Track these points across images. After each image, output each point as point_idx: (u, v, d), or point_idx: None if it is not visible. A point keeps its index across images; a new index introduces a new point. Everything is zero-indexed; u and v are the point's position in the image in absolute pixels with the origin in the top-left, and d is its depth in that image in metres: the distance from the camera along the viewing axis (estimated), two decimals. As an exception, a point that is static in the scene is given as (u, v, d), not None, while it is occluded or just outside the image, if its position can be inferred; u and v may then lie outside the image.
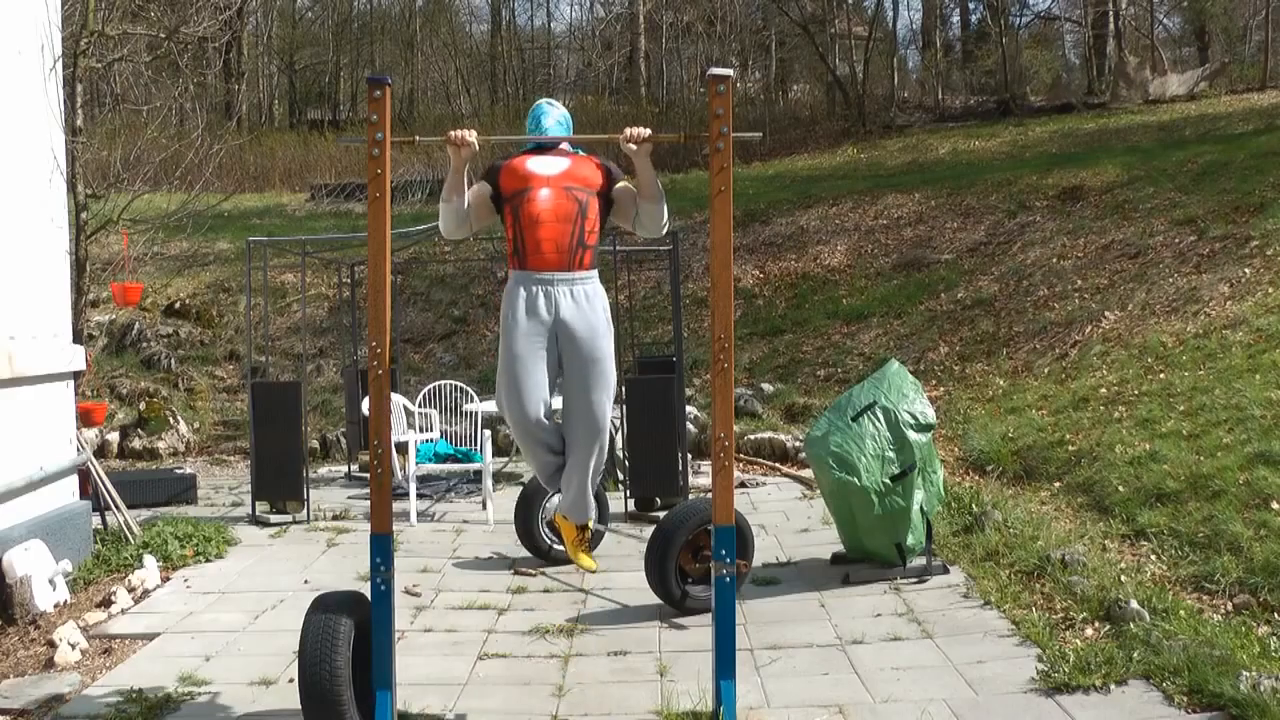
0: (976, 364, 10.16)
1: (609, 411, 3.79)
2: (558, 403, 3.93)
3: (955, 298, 11.80)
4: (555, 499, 4.00)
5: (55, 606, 5.34)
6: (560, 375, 3.78)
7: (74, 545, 5.93)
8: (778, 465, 8.98)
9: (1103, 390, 7.96)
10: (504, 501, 7.40)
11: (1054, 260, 11.69)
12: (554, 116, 3.96)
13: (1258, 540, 4.95)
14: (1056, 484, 6.81)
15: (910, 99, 25.09)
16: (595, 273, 3.79)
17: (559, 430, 3.85)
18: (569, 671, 4.41)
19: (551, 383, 3.76)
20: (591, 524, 4.12)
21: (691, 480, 7.98)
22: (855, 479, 5.38)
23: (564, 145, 3.97)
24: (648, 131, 3.77)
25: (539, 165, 3.81)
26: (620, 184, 3.93)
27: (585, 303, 3.71)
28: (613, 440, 8.32)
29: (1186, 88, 21.26)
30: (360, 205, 17.41)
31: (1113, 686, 3.92)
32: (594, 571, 4.01)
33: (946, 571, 5.51)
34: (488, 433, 7.68)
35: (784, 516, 7.22)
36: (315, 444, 10.31)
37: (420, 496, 7.89)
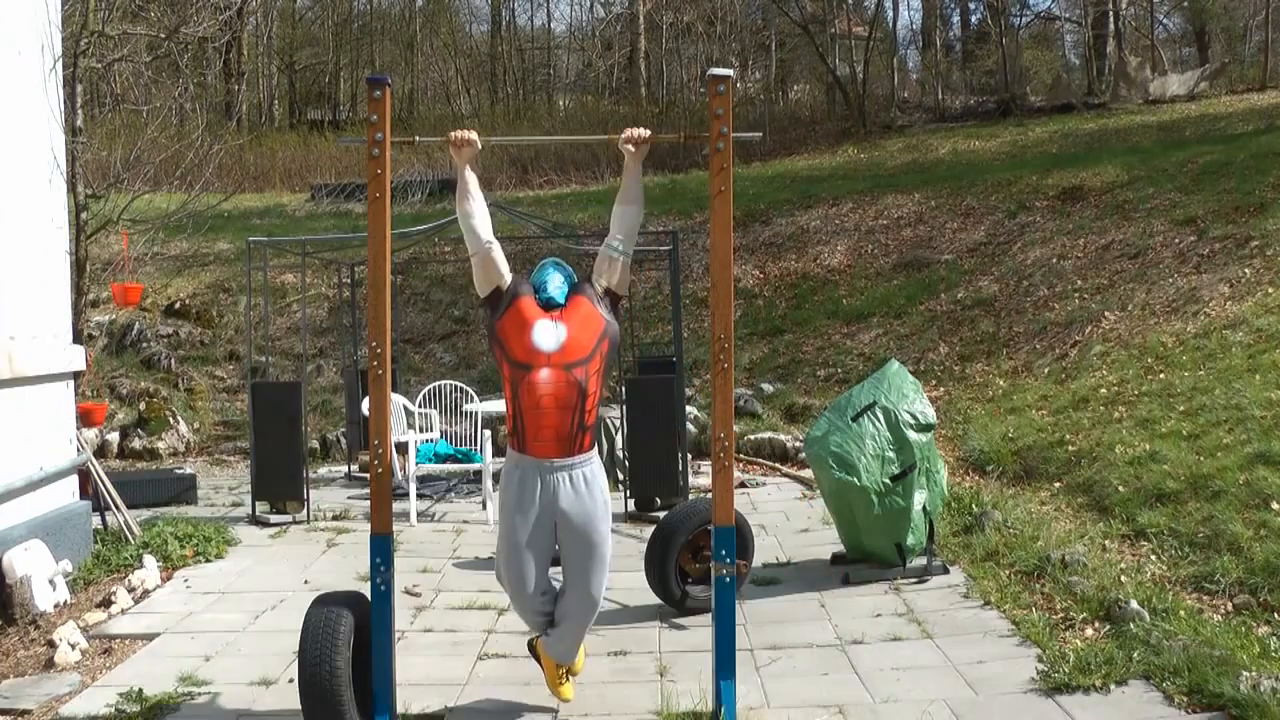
0: (976, 364, 10.16)
1: (604, 587, 3.84)
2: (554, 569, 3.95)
3: (955, 298, 11.80)
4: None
5: (55, 606, 5.34)
6: (558, 547, 3.80)
7: (74, 545, 5.93)
8: (778, 465, 8.98)
9: (1103, 390, 7.96)
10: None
11: (1054, 260, 11.69)
12: (557, 282, 3.80)
13: (1258, 540, 4.95)
14: (1056, 484, 6.81)
15: (910, 99, 25.08)
16: (594, 452, 3.79)
17: (553, 597, 3.89)
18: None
19: (549, 559, 3.80)
20: (581, 663, 4.14)
21: (691, 480, 7.98)
22: (855, 479, 5.38)
23: (559, 284, 3.81)
24: (647, 133, 3.77)
25: (543, 337, 3.65)
26: (597, 277, 3.82)
27: (584, 488, 3.70)
28: (613, 440, 8.34)
29: (1186, 88, 21.26)
30: (360, 205, 17.41)
31: (1113, 686, 3.92)
32: (569, 702, 4.03)
33: (946, 572, 5.51)
34: (488, 433, 7.68)
35: (784, 516, 7.22)
36: (315, 444, 10.31)
37: (420, 496, 7.89)
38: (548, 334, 3.66)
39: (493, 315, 3.76)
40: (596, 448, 3.84)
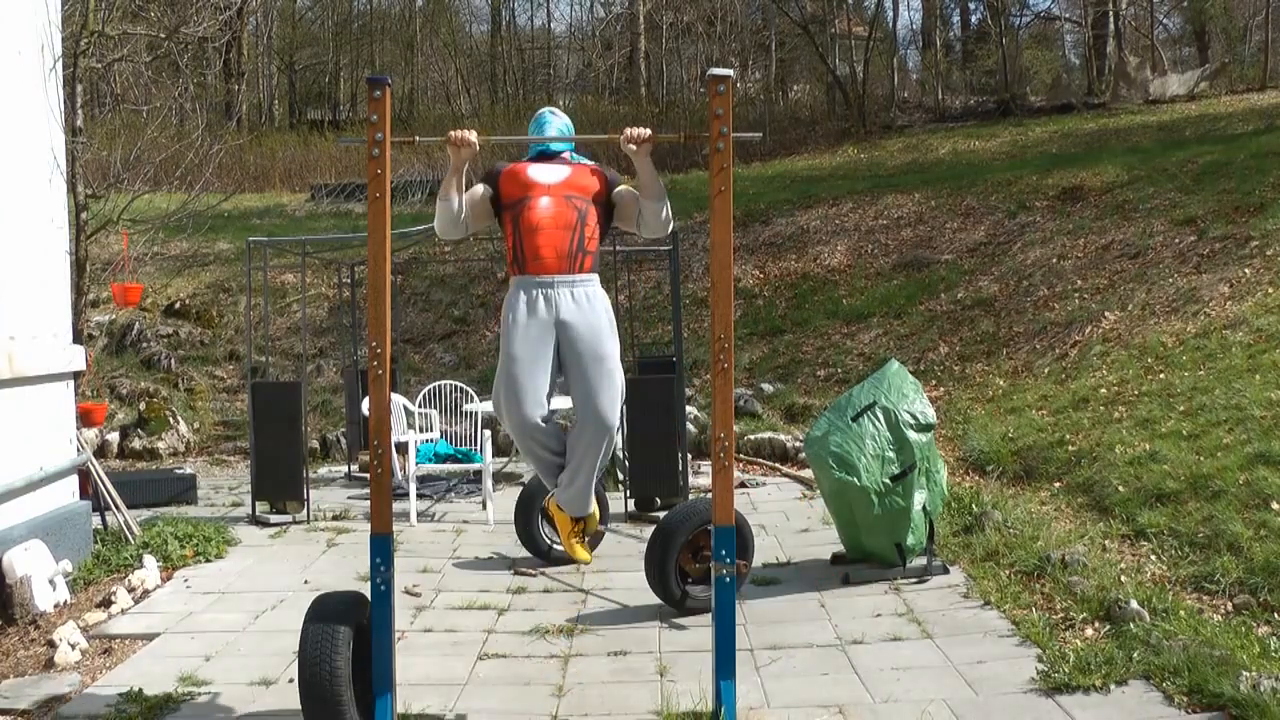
0: (976, 364, 10.16)
1: (618, 410, 3.74)
2: (563, 402, 3.92)
3: (955, 298, 11.80)
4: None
5: (55, 606, 5.34)
6: (561, 377, 3.76)
7: (74, 545, 5.93)
8: (778, 465, 8.98)
9: (1103, 390, 7.96)
10: (504, 501, 7.40)
11: (1054, 260, 11.69)
12: (556, 125, 3.95)
13: (1258, 540, 4.95)
14: (1056, 484, 6.81)
15: (910, 99, 25.09)
16: (596, 276, 3.78)
17: (558, 432, 3.82)
18: (569, 671, 4.41)
19: (552, 383, 3.74)
20: (595, 519, 4.11)
21: (691, 480, 7.98)
22: (855, 479, 5.38)
23: (565, 154, 3.97)
24: (648, 132, 3.77)
25: (540, 173, 3.80)
26: (620, 188, 3.92)
27: (586, 303, 3.69)
28: (613, 440, 8.33)
29: (1186, 88, 21.26)
30: (360, 205, 17.41)
31: (1113, 686, 3.92)
32: (588, 563, 4.00)
33: (946, 572, 5.51)
34: (488, 433, 7.68)
35: (784, 516, 7.22)
36: (315, 444, 10.31)
37: (420, 496, 7.89)
38: (546, 171, 3.77)
39: (499, 201, 3.81)
40: (598, 277, 3.80)
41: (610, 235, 3.99)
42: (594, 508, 3.99)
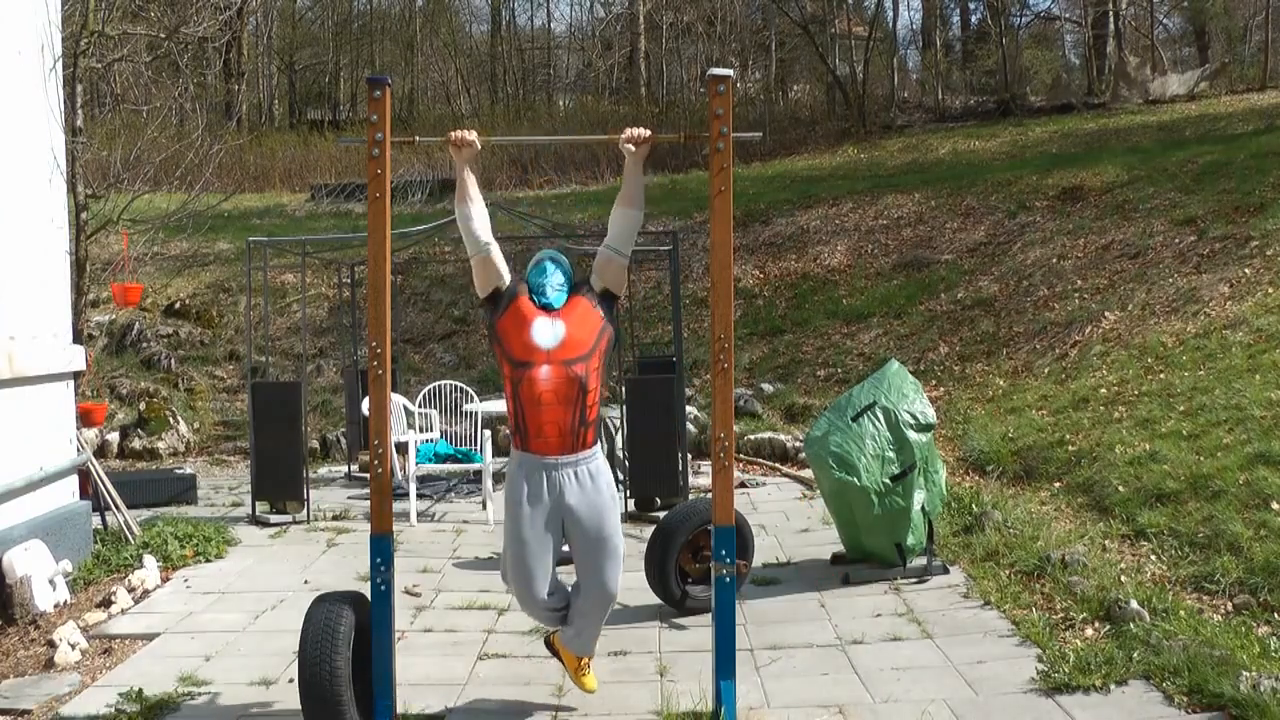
0: (976, 364, 10.16)
1: (619, 579, 3.83)
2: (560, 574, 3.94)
3: (955, 298, 11.80)
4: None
5: (55, 606, 5.34)
6: (568, 545, 3.80)
7: (74, 545, 5.93)
8: (778, 465, 8.98)
9: (1103, 390, 7.96)
10: (503, 502, 7.39)
11: (1054, 260, 11.69)
12: (557, 281, 3.78)
13: (1258, 540, 4.95)
14: (1056, 484, 6.81)
15: (910, 99, 25.08)
16: (598, 448, 3.78)
17: (564, 594, 3.89)
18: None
19: (556, 556, 3.80)
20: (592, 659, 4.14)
21: (691, 480, 7.98)
22: (855, 479, 5.38)
23: (559, 280, 3.80)
24: (647, 132, 3.76)
25: (542, 335, 3.64)
26: (593, 276, 3.81)
27: (590, 483, 3.70)
28: (613, 440, 8.33)
29: (1186, 88, 21.25)
30: (360, 205, 17.40)
31: (1113, 686, 3.92)
32: (594, 693, 4.03)
33: (946, 572, 5.51)
34: (488, 433, 7.68)
35: (784, 516, 7.22)
36: (315, 444, 10.31)
37: (420, 496, 7.89)
38: (546, 331, 3.66)
39: (493, 315, 3.77)
40: (600, 446, 3.83)
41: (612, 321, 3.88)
42: (595, 649, 4.09)
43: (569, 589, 3.92)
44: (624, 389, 7.55)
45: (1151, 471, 6.12)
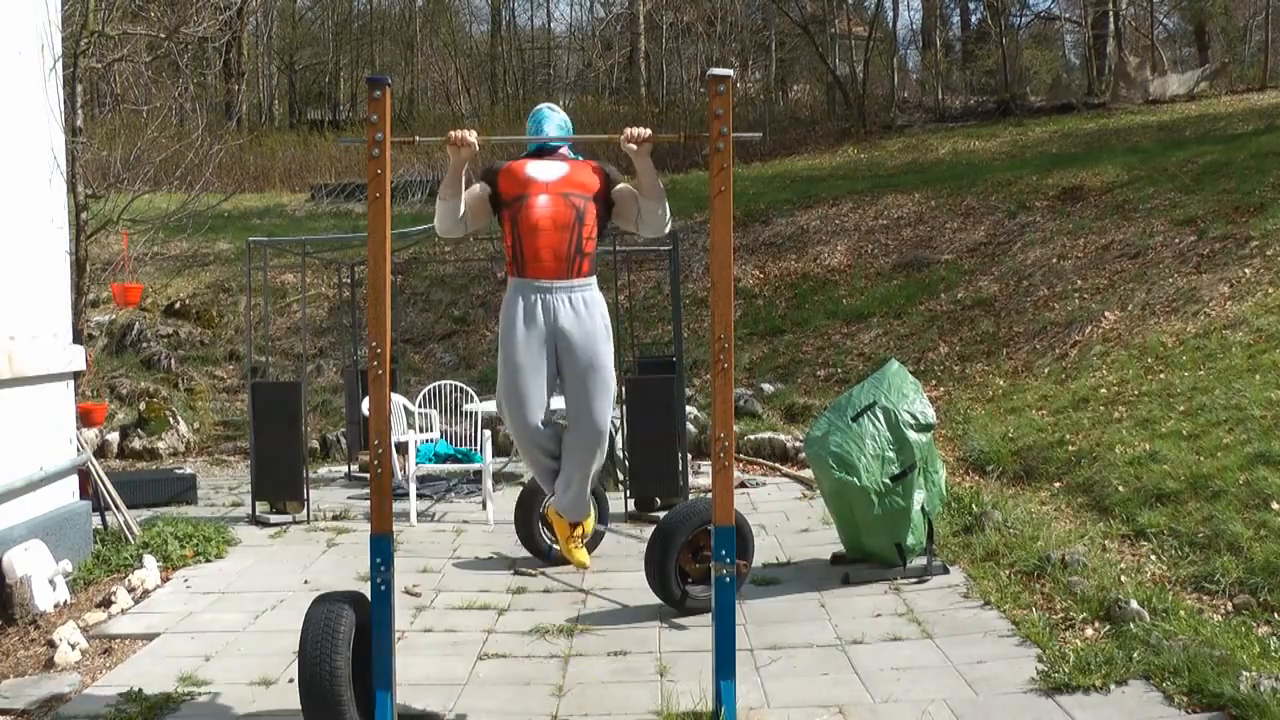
0: (976, 364, 10.16)
1: (610, 416, 3.82)
2: (557, 402, 3.95)
3: (955, 298, 11.80)
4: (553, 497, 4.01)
5: (55, 606, 5.34)
6: (560, 379, 3.79)
7: (74, 545, 5.93)
8: (778, 465, 8.98)
9: (1103, 390, 7.96)
10: (504, 502, 7.40)
11: (1054, 260, 11.69)
12: (555, 121, 3.96)
13: (1258, 540, 4.95)
14: (1056, 484, 6.81)
15: (910, 99, 25.08)
16: (594, 279, 3.80)
17: (558, 435, 3.87)
18: (569, 671, 4.41)
19: (550, 387, 3.78)
20: (592, 523, 4.14)
21: (691, 480, 7.98)
22: (855, 479, 5.38)
23: (564, 150, 3.97)
24: (648, 132, 3.77)
25: (538, 170, 3.82)
26: (619, 185, 3.93)
27: (584, 310, 3.72)
28: (613, 440, 8.33)
29: (1186, 88, 21.25)
30: (360, 205, 17.40)
31: (1113, 686, 3.92)
32: (587, 567, 4.06)
33: (946, 572, 5.51)
34: (488, 433, 7.68)
35: (784, 516, 7.22)
36: (315, 444, 10.31)
37: (420, 496, 7.89)
38: (544, 169, 3.78)
39: (496, 198, 3.82)
40: (595, 279, 3.83)
41: (609, 234, 4.01)
42: (590, 512, 4.06)
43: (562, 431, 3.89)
44: (624, 389, 7.55)
45: (1151, 471, 6.12)
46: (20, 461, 5.61)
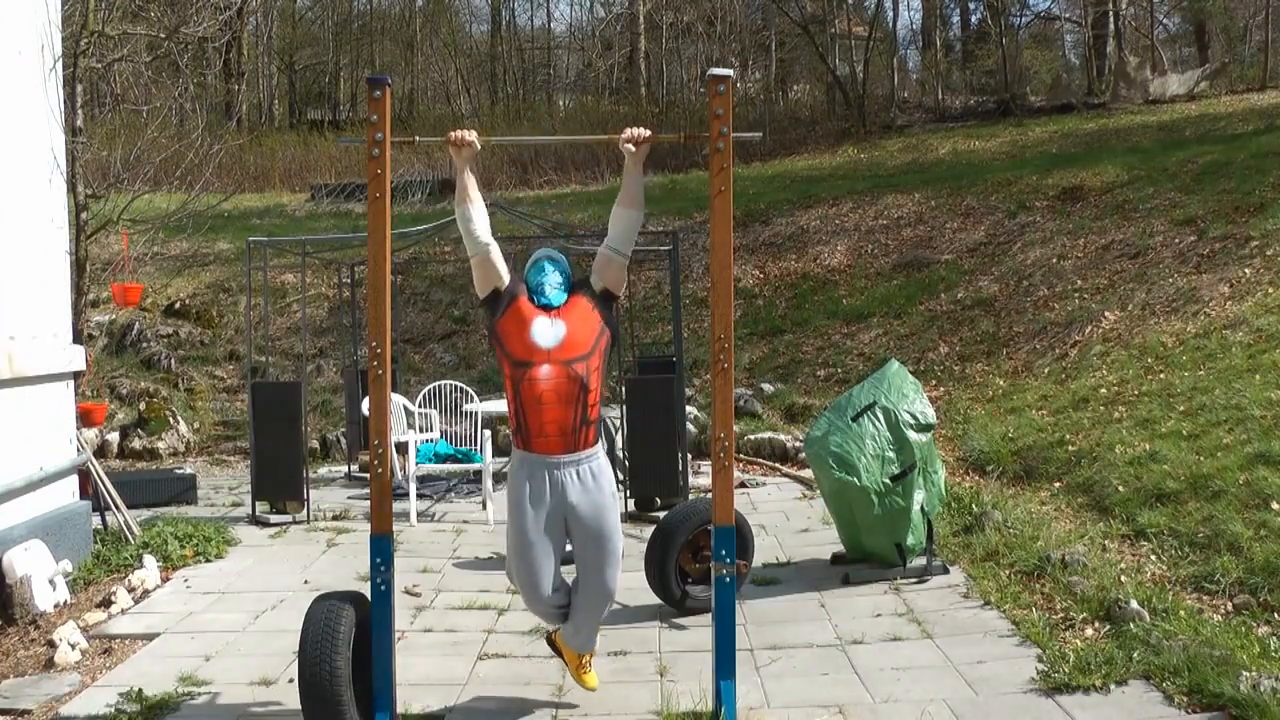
0: (976, 364, 10.16)
1: (618, 580, 3.86)
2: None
3: (955, 298, 11.80)
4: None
5: (55, 606, 5.34)
6: (568, 538, 3.81)
7: (74, 545, 5.93)
8: (778, 465, 8.98)
9: (1103, 390, 7.96)
10: (504, 501, 7.38)
11: (1054, 260, 11.69)
12: (555, 280, 3.77)
13: (1258, 540, 4.95)
14: (1056, 484, 6.81)
15: (910, 99, 25.07)
16: (599, 447, 3.78)
17: (566, 591, 3.90)
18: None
19: (559, 554, 3.80)
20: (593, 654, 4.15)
21: (691, 480, 7.98)
22: (855, 479, 5.38)
23: (557, 280, 3.79)
24: (647, 132, 3.76)
25: (541, 335, 3.64)
26: (593, 275, 3.80)
27: (592, 483, 3.70)
28: (613, 440, 8.34)
29: (1186, 88, 21.25)
30: (360, 205, 17.40)
31: (1113, 686, 3.92)
32: (595, 690, 4.04)
33: (946, 572, 5.51)
34: (488, 433, 7.68)
35: (784, 516, 7.22)
36: (315, 444, 10.31)
37: (420, 496, 7.89)
38: (546, 331, 3.66)
39: (492, 315, 3.77)
40: (600, 445, 3.84)
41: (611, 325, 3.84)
42: (595, 645, 4.12)
43: (571, 586, 3.93)
44: (624, 389, 7.55)
45: (1151, 471, 6.12)
46: (20, 461, 5.61)
